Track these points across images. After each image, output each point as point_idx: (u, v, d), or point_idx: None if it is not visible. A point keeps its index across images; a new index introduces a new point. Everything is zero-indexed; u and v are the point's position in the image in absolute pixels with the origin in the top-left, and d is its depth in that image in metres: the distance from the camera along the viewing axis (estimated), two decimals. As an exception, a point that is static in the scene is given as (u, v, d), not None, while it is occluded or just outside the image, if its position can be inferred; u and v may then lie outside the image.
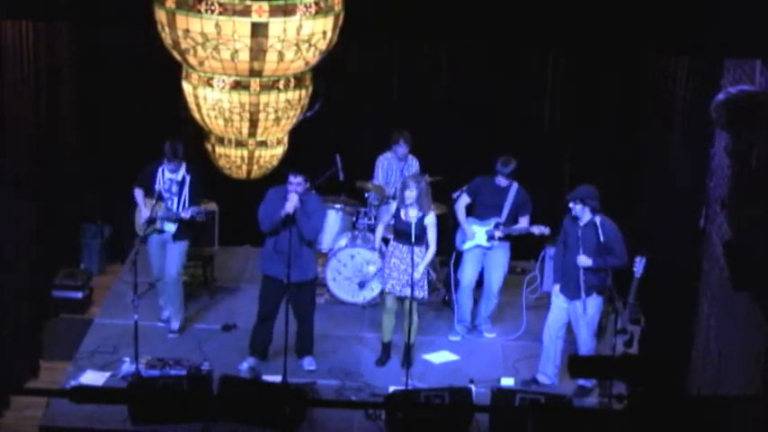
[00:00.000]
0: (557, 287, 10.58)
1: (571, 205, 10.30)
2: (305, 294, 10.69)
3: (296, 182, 10.34)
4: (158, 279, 11.33)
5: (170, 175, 10.93)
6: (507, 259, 11.43)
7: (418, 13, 7.89)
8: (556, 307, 10.59)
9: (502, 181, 11.15)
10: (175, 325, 11.26)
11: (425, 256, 10.69)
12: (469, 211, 11.40)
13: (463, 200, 11.39)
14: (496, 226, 11.24)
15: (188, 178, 10.92)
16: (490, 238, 11.28)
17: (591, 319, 10.42)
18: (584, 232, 10.26)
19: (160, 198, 10.96)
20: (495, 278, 11.42)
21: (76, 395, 5.48)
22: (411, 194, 10.58)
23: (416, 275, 10.58)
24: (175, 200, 10.95)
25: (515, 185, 11.25)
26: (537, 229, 11.23)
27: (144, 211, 11.02)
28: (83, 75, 12.21)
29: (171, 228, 11.02)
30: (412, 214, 10.64)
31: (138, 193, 11.11)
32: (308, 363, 10.85)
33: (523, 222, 11.28)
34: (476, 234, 11.32)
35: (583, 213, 10.26)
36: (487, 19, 7.92)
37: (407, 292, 10.61)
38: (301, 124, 6.59)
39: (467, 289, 11.47)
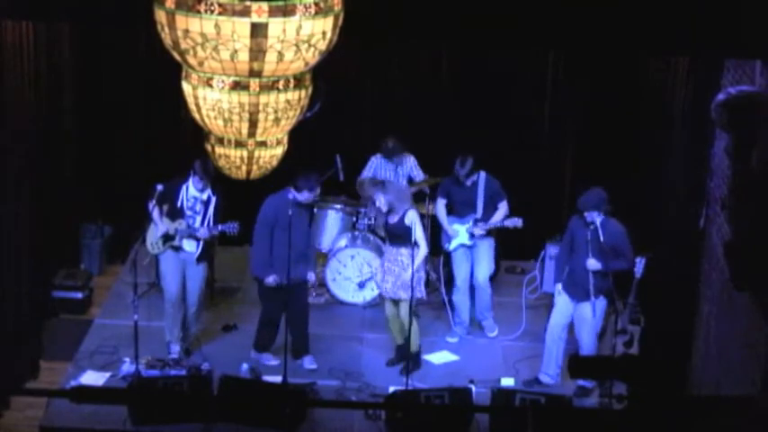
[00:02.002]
0: (559, 286, 10.55)
1: (586, 214, 10.22)
2: (300, 294, 10.69)
3: (312, 195, 10.46)
4: (175, 300, 10.79)
5: (195, 193, 10.59)
6: (492, 252, 11.42)
7: (418, 13, 7.89)
8: (559, 308, 10.56)
9: (466, 180, 11.16)
10: (184, 347, 10.96)
11: (417, 256, 10.63)
12: (450, 209, 11.41)
13: (440, 202, 11.42)
14: (475, 222, 11.24)
15: (213, 199, 10.61)
16: (471, 236, 11.29)
17: (597, 322, 10.41)
18: (593, 235, 10.22)
19: (179, 215, 10.64)
20: (482, 271, 11.40)
21: (76, 395, 5.49)
22: (381, 203, 10.59)
23: (406, 276, 10.52)
24: (198, 219, 10.63)
25: (482, 177, 11.22)
26: (510, 223, 11.20)
27: (161, 226, 10.68)
28: (83, 75, 12.20)
29: (191, 247, 10.71)
30: (392, 216, 10.67)
31: (153, 208, 10.65)
32: (309, 362, 10.86)
33: (502, 208, 11.24)
34: (458, 233, 11.33)
35: (597, 219, 10.21)
36: (488, 19, 7.92)
37: (402, 294, 10.60)
38: (301, 124, 6.59)
39: (462, 289, 11.47)
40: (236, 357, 10.82)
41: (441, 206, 11.40)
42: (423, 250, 10.61)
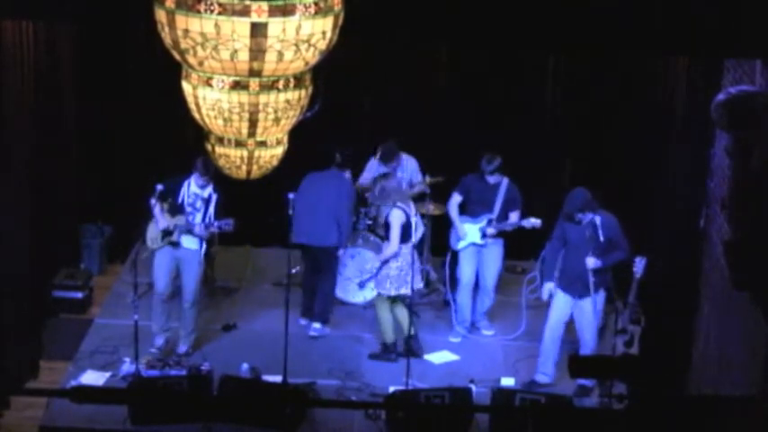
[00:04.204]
0: (550, 284, 10.56)
1: (581, 216, 10.26)
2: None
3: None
4: (161, 296, 10.86)
5: (196, 190, 10.62)
6: (501, 256, 11.47)
7: (418, 13, 7.89)
8: (558, 306, 10.57)
9: (490, 178, 11.18)
10: (183, 348, 10.95)
11: (385, 251, 10.92)
12: (462, 209, 11.43)
13: (455, 198, 11.42)
14: (489, 222, 11.27)
15: (214, 197, 10.63)
16: (483, 235, 11.31)
17: (598, 315, 10.43)
18: (591, 233, 10.24)
19: (179, 211, 10.64)
20: (490, 275, 11.45)
21: (76, 395, 5.48)
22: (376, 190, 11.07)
23: (385, 271, 10.84)
24: (198, 216, 10.63)
25: (505, 181, 11.28)
26: (528, 223, 11.26)
27: (161, 222, 10.67)
28: (83, 75, 12.19)
29: (192, 244, 10.71)
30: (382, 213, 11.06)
31: (155, 205, 10.64)
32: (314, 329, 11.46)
33: (513, 218, 11.30)
34: (468, 232, 11.34)
35: (586, 218, 10.26)
36: (488, 20, 7.91)
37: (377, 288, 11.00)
38: (301, 124, 6.58)
39: (466, 287, 11.48)
40: (236, 357, 10.81)
41: (455, 203, 11.41)
42: (389, 248, 10.79)
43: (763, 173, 7.73)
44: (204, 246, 10.76)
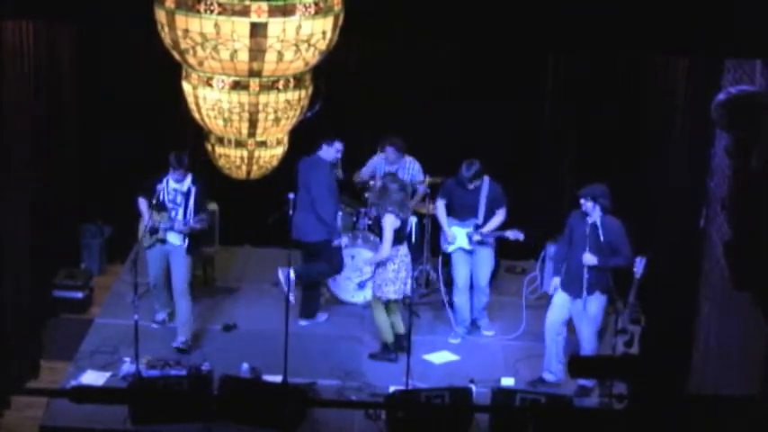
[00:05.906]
0: (556, 281, 10.57)
1: (582, 201, 10.30)
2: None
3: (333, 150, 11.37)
4: (155, 286, 11.19)
5: (175, 186, 10.73)
6: (492, 256, 11.46)
7: (418, 13, 7.89)
8: (556, 304, 10.60)
9: (470, 185, 11.18)
10: (181, 339, 11.00)
11: (377, 255, 10.94)
12: (450, 210, 11.43)
13: (440, 203, 11.44)
14: (475, 228, 11.26)
15: (193, 189, 10.75)
16: (470, 240, 11.31)
17: (593, 318, 10.43)
18: (591, 231, 10.27)
19: (163, 208, 10.77)
20: (482, 275, 11.44)
21: (76, 395, 5.48)
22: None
23: (383, 275, 10.82)
24: (180, 211, 10.74)
25: (486, 181, 11.25)
26: (512, 234, 11.25)
27: (147, 220, 10.82)
28: (83, 75, 12.20)
29: (176, 240, 10.83)
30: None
31: (142, 203, 10.91)
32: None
33: (499, 215, 11.28)
34: (456, 237, 11.35)
35: (593, 211, 10.27)
36: (487, 20, 7.91)
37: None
38: (301, 124, 6.59)
39: (462, 290, 11.47)
40: (236, 357, 10.81)
41: (441, 207, 11.41)
42: (380, 253, 10.79)
43: (763, 173, 7.73)
44: (188, 239, 10.83)
